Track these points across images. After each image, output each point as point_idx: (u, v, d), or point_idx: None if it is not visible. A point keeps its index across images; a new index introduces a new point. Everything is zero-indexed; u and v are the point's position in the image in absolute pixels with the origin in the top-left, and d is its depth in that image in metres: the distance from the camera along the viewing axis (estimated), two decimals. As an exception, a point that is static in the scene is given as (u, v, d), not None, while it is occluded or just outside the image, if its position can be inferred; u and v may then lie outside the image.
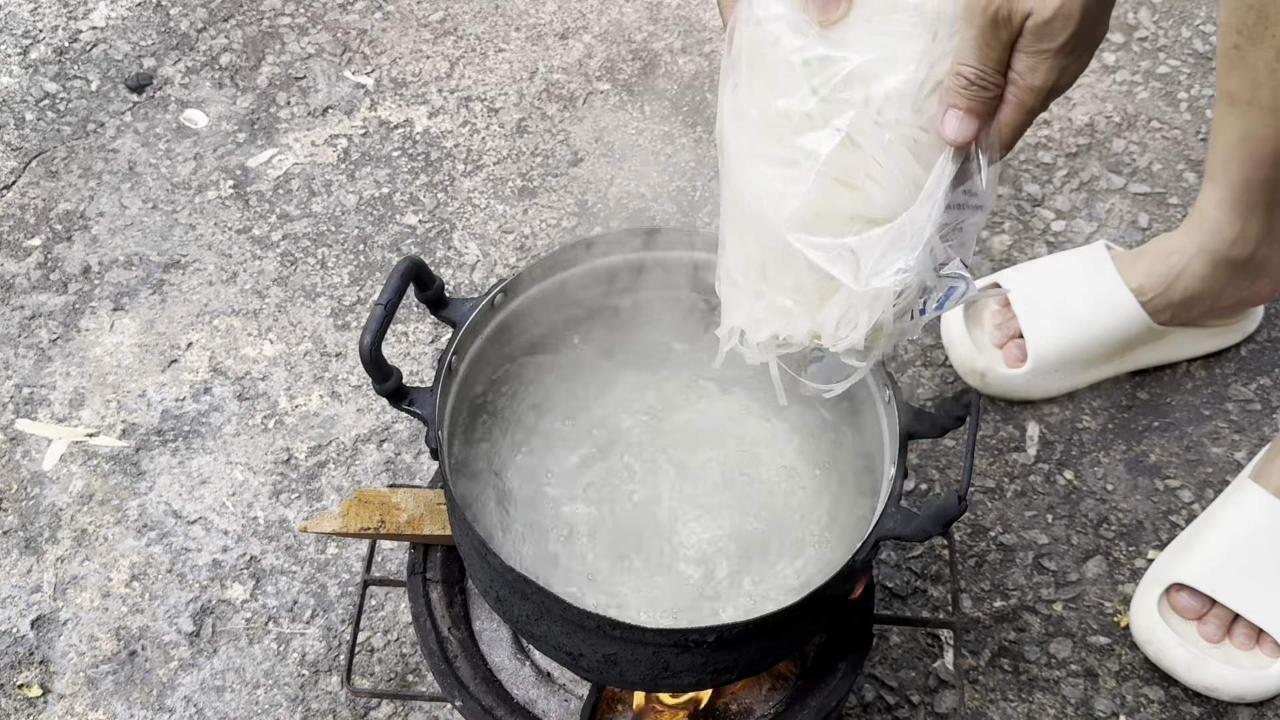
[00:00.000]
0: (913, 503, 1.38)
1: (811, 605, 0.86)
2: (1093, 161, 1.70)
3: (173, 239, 1.64)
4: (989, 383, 1.44)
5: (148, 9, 1.90)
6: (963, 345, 1.44)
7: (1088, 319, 1.40)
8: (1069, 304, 1.41)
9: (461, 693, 1.03)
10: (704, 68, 1.83)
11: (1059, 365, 1.41)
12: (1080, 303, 1.41)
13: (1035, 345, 1.40)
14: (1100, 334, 1.40)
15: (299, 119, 1.76)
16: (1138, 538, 1.37)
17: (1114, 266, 1.41)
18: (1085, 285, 1.41)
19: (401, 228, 1.65)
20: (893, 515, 0.86)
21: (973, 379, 1.44)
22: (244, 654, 1.30)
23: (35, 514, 1.40)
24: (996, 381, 1.43)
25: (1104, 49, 1.83)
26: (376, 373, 0.88)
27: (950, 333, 1.46)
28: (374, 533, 1.08)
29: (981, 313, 1.47)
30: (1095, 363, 1.43)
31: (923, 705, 1.26)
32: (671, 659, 0.87)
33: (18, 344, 1.54)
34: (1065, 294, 1.42)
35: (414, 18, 1.89)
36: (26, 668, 1.30)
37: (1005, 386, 1.43)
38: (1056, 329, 1.40)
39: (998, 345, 1.44)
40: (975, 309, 1.46)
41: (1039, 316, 1.41)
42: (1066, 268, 1.45)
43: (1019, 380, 1.42)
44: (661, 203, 1.67)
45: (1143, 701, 1.27)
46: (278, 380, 1.50)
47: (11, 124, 1.76)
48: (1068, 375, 1.43)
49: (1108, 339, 1.41)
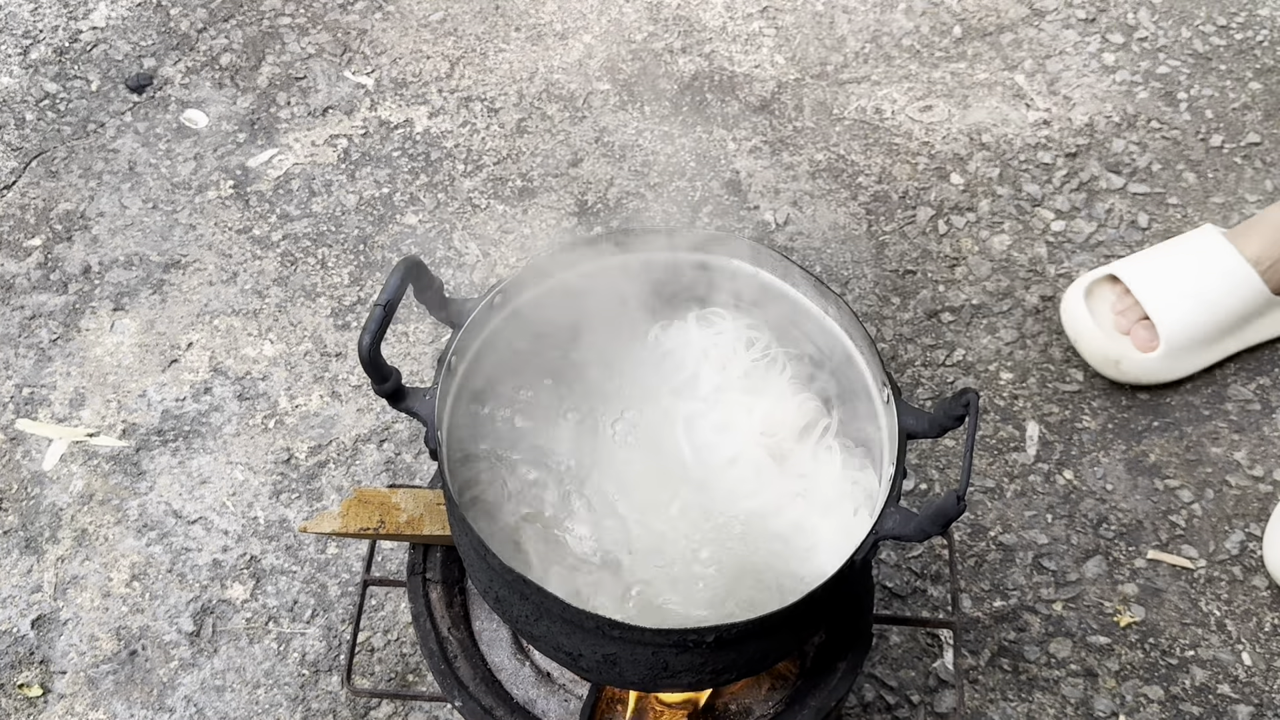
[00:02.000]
0: (912, 503, 1.38)
1: (810, 605, 0.86)
2: (1093, 161, 1.70)
3: (173, 239, 1.64)
4: (1124, 370, 1.45)
5: (148, 9, 1.90)
6: (1094, 336, 1.46)
7: (1211, 295, 1.43)
8: (1191, 282, 1.43)
9: (461, 693, 1.03)
10: (704, 68, 1.83)
11: (1190, 345, 1.44)
12: (1202, 280, 1.43)
13: (1166, 328, 1.42)
14: (1224, 309, 1.43)
15: (299, 119, 1.76)
16: (1137, 537, 1.37)
17: (1228, 241, 1.44)
18: (1204, 262, 1.44)
19: (401, 228, 1.65)
20: (892, 515, 0.86)
21: (1107, 368, 1.46)
22: (244, 654, 1.30)
23: (35, 514, 1.40)
24: (1133, 367, 1.45)
25: (1104, 49, 1.83)
26: (376, 373, 0.88)
27: (1077, 325, 1.48)
28: (374, 533, 1.08)
29: (1098, 302, 1.48)
30: (1220, 338, 1.46)
31: (923, 705, 1.26)
32: (671, 659, 0.87)
33: (18, 344, 1.54)
34: (1185, 274, 1.44)
35: (414, 18, 1.89)
36: (27, 667, 1.30)
37: (1140, 371, 1.45)
38: (1184, 309, 1.43)
39: (1123, 332, 1.46)
40: (1093, 299, 1.48)
41: (1164, 299, 1.43)
42: (1180, 249, 1.47)
43: (1154, 363, 1.44)
44: (661, 203, 1.67)
45: (1142, 701, 1.27)
46: (278, 380, 1.50)
47: (12, 124, 1.76)
48: (1197, 353, 1.46)
49: (1230, 313, 1.44)
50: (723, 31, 1.87)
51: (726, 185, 1.69)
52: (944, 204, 1.66)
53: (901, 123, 1.75)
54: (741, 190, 1.68)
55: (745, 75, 1.82)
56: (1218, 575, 1.35)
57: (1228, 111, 1.75)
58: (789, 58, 1.84)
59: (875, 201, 1.67)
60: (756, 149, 1.73)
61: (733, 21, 1.89)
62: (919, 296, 1.57)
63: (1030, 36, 1.85)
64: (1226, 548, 1.37)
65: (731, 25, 1.88)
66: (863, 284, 1.59)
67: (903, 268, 1.60)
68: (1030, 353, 1.52)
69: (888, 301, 1.57)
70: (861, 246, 1.62)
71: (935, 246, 1.62)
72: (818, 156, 1.72)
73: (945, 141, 1.73)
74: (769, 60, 1.84)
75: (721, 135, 1.74)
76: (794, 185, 1.69)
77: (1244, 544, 1.37)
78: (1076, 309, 1.48)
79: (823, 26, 1.88)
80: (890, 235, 1.63)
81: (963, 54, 1.84)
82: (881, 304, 1.57)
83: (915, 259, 1.61)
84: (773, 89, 1.80)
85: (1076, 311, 1.48)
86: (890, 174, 1.70)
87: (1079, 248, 1.61)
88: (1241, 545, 1.37)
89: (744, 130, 1.75)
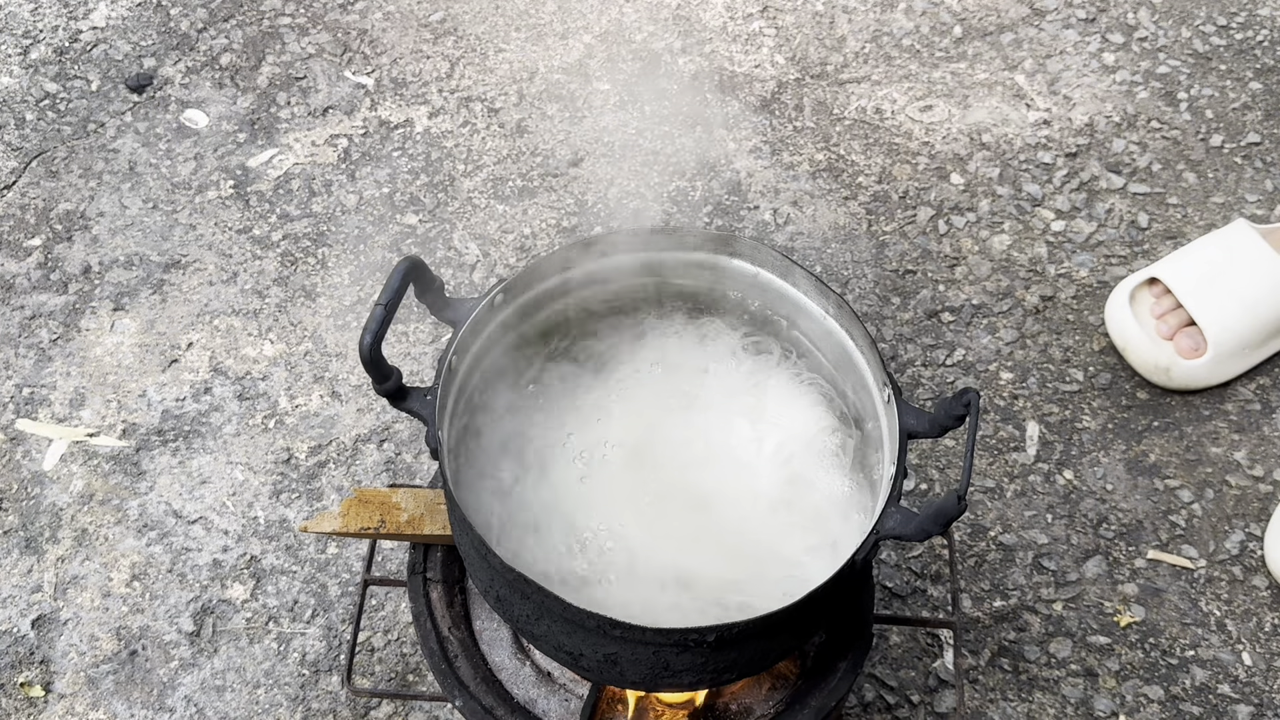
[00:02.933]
0: (913, 502, 1.38)
1: (810, 605, 0.86)
2: (1093, 161, 1.70)
3: (173, 239, 1.64)
4: (1174, 377, 1.46)
5: (148, 9, 1.90)
6: (1142, 344, 1.46)
7: (1257, 298, 1.43)
8: (1235, 287, 1.43)
9: (462, 692, 1.03)
10: (704, 68, 1.83)
11: (1238, 350, 1.44)
12: (1247, 284, 1.43)
13: (1214, 334, 1.43)
14: (1269, 311, 1.43)
15: (299, 119, 1.76)
16: (1137, 537, 1.37)
17: (1266, 243, 1.44)
18: (1245, 266, 1.44)
19: (401, 228, 1.65)
20: (892, 515, 0.86)
21: (1157, 376, 1.46)
22: (244, 654, 1.30)
23: (36, 514, 1.40)
24: (1181, 375, 1.45)
25: (1104, 49, 1.83)
26: (376, 373, 0.88)
27: (1125, 333, 1.48)
28: (374, 533, 1.08)
29: (1138, 307, 1.48)
30: (1266, 341, 1.46)
31: (923, 705, 1.26)
32: (671, 659, 0.87)
33: (18, 344, 1.54)
34: (1228, 278, 1.44)
35: (414, 18, 1.89)
36: (27, 667, 1.30)
37: (1189, 378, 1.45)
38: (1231, 314, 1.43)
39: (1167, 338, 1.46)
40: (1135, 304, 1.48)
41: (1211, 305, 1.43)
42: (1219, 252, 1.47)
43: (1203, 370, 1.44)
44: (661, 203, 1.67)
45: (1142, 701, 1.27)
46: (278, 380, 1.50)
47: (12, 124, 1.76)
48: (1244, 357, 1.46)
49: (1276, 315, 1.44)
50: (723, 31, 1.87)
51: (726, 185, 1.69)
52: (944, 204, 1.66)
53: (901, 123, 1.75)
54: (741, 190, 1.68)
55: (745, 75, 1.82)
56: (1218, 575, 1.35)
57: (1228, 111, 1.75)
58: (789, 58, 1.84)
59: (875, 201, 1.67)
60: (756, 149, 1.73)
61: (733, 21, 1.89)
62: (919, 296, 1.57)
63: (1030, 36, 1.85)
64: (1226, 548, 1.37)
65: (731, 25, 1.88)
66: (863, 284, 1.59)
67: (903, 268, 1.60)
68: (1030, 353, 1.52)
69: (888, 301, 1.57)
70: (861, 246, 1.62)
71: (935, 246, 1.62)
72: (818, 156, 1.72)
73: (945, 141, 1.73)
74: (769, 60, 1.84)
75: (721, 135, 1.74)
76: (794, 185, 1.69)
77: (1244, 544, 1.37)
78: (1123, 316, 1.48)
79: (823, 26, 1.88)
80: (890, 235, 1.63)
81: (963, 54, 1.84)
82: (881, 304, 1.57)
83: (915, 259, 1.61)
84: (773, 89, 1.80)
85: (1123, 319, 1.48)
86: (890, 174, 1.70)
87: (1079, 248, 1.61)
88: (1241, 545, 1.37)
89: (744, 130, 1.75)
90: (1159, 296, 1.48)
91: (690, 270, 1.04)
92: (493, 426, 1.03)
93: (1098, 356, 1.52)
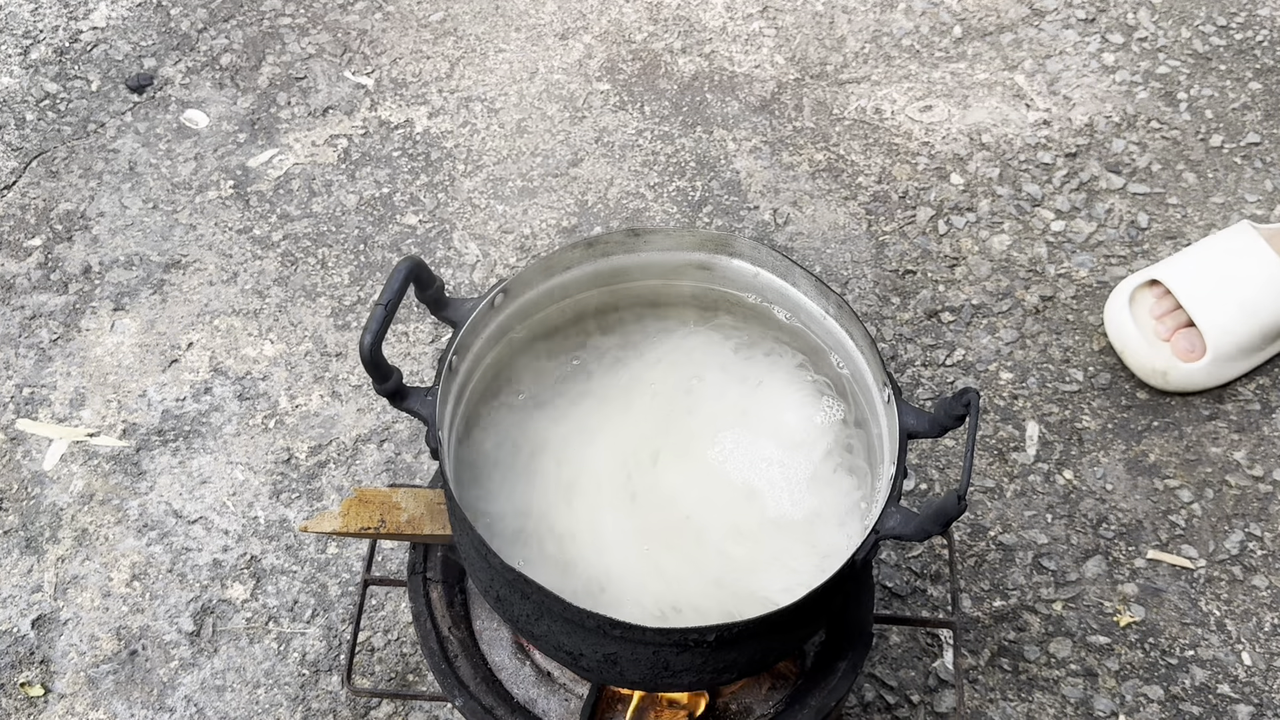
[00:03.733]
0: (913, 502, 1.38)
1: (811, 605, 0.86)
2: (1092, 161, 1.70)
3: (173, 239, 1.64)
4: (1171, 380, 1.45)
5: (148, 9, 1.90)
6: (1140, 347, 1.46)
7: (1257, 302, 1.42)
8: (1235, 290, 1.43)
9: (462, 692, 1.03)
10: (704, 68, 1.83)
11: (1236, 354, 1.44)
12: (1247, 287, 1.43)
13: (1213, 337, 1.42)
14: (1269, 316, 1.43)
15: (299, 119, 1.77)
16: (1137, 537, 1.37)
17: (1268, 245, 1.44)
18: (1246, 269, 1.43)
19: (402, 228, 1.65)
20: (892, 515, 0.86)
21: (1154, 379, 1.46)
22: (244, 654, 1.30)
23: (36, 514, 1.40)
24: (1179, 378, 1.45)
25: (1104, 49, 1.83)
26: (377, 373, 0.88)
27: (1123, 336, 1.47)
28: (374, 532, 1.08)
29: (1138, 308, 1.48)
30: (1264, 345, 1.46)
31: (923, 705, 1.26)
32: (671, 658, 0.87)
33: (18, 344, 1.54)
34: (1228, 280, 1.44)
35: (414, 18, 1.89)
36: (27, 667, 1.30)
37: (1186, 381, 1.45)
38: (1230, 317, 1.42)
39: (1164, 339, 1.46)
40: (1135, 305, 1.48)
41: (1210, 307, 1.43)
42: (1221, 254, 1.46)
43: (1200, 374, 1.44)
44: (661, 203, 1.67)
45: (1142, 701, 1.27)
46: (278, 380, 1.51)
47: (12, 124, 1.76)
48: (1242, 360, 1.45)
49: (1276, 320, 1.43)
50: (723, 31, 1.87)
51: (726, 185, 1.69)
52: (944, 204, 1.66)
53: (901, 123, 1.76)
54: (741, 190, 1.68)
55: (745, 75, 1.82)
56: (1218, 575, 1.35)
57: (1228, 111, 1.75)
58: (789, 58, 1.84)
59: (875, 201, 1.67)
60: (756, 149, 1.73)
61: (733, 21, 1.89)
62: (919, 296, 1.57)
63: (1030, 36, 1.85)
64: (1226, 547, 1.37)
65: (731, 25, 1.88)
66: (863, 284, 1.59)
67: (903, 268, 1.60)
68: (1030, 353, 1.52)
69: (888, 301, 1.57)
70: (861, 246, 1.62)
71: (935, 246, 1.62)
72: (818, 156, 1.72)
73: (945, 141, 1.73)
74: (769, 60, 1.84)
75: (721, 135, 1.74)
76: (794, 185, 1.69)
77: (1244, 544, 1.37)
78: (1122, 319, 1.48)
79: (823, 26, 1.88)
80: (890, 235, 1.63)
81: (963, 54, 1.84)
82: (881, 304, 1.57)
83: (915, 259, 1.61)
84: (773, 89, 1.80)
85: (1122, 321, 1.48)
86: (890, 174, 1.70)
87: (1079, 248, 1.62)
88: (1241, 545, 1.37)
89: (744, 130, 1.75)
90: (1160, 298, 1.48)
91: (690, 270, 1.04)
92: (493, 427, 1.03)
93: (1097, 356, 1.52)
